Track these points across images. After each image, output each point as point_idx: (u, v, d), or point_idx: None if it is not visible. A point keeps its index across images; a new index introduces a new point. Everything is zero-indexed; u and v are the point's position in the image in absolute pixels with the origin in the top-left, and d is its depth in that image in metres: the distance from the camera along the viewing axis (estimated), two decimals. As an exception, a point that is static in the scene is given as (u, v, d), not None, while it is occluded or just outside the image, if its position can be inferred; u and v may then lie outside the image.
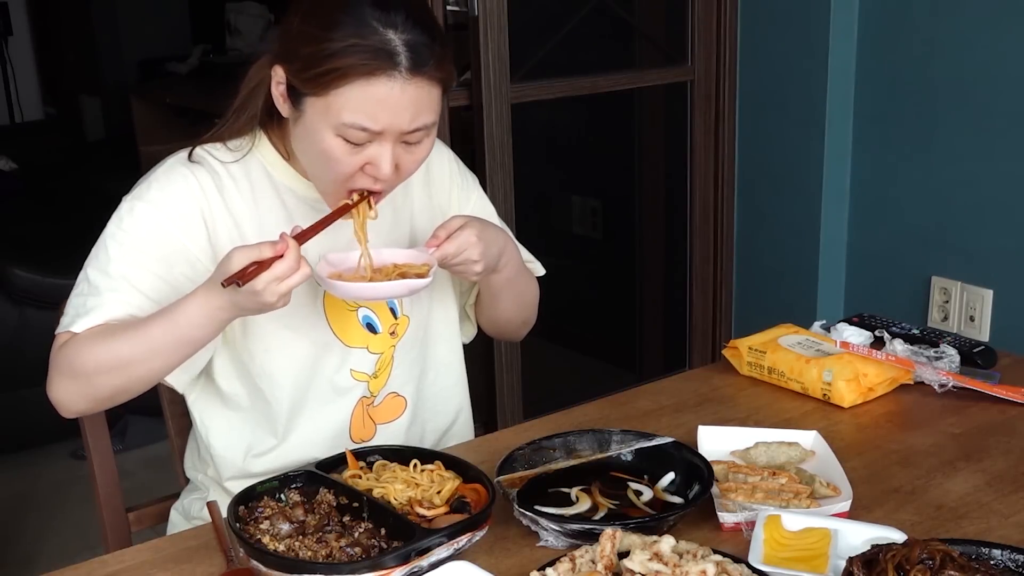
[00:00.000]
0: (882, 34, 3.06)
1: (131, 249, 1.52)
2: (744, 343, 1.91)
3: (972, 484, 1.51)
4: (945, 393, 1.78)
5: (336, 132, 1.44)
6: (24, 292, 3.47)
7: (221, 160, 1.58)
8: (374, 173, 1.48)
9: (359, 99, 1.42)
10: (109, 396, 1.51)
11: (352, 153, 1.46)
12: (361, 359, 1.65)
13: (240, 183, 1.58)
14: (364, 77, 1.40)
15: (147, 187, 1.55)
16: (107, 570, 1.37)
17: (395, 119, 1.44)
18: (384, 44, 1.40)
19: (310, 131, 1.48)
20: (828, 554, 1.28)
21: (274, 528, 1.32)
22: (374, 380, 1.67)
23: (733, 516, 1.39)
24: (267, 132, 1.61)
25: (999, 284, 2.92)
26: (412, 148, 1.50)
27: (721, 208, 3.48)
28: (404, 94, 1.42)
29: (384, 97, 1.42)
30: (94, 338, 1.47)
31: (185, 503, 1.75)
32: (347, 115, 1.42)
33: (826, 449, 1.56)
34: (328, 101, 1.43)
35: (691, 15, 3.32)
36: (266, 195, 1.60)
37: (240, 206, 1.58)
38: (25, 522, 3.29)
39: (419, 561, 1.26)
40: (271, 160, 1.61)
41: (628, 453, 1.54)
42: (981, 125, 2.86)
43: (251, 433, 1.65)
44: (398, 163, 1.49)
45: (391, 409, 1.70)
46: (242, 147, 1.60)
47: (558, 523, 1.35)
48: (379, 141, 1.46)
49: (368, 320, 1.65)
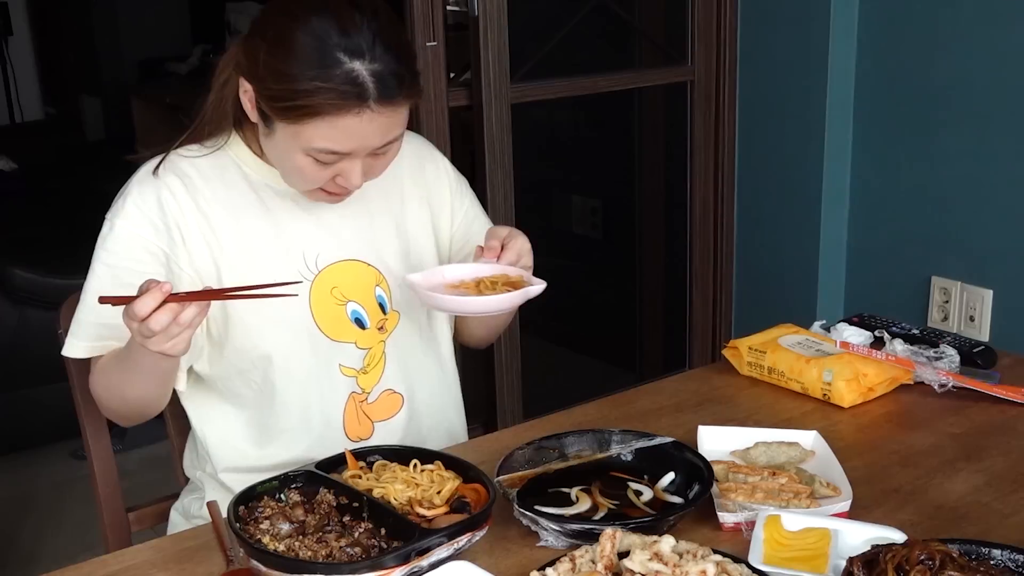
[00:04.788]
0: (882, 34, 3.06)
1: (116, 267, 1.56)
2: (744, 343, 1.91)
3: (972, 484, 1.51)
4: (945, 393, 1.78)
5: (306, 153, 1.50)
6: (24, 292, 3.47)
7: (194, 159, 1.61)
8: (344, 184, 1.54)
9: (328, 130, 1.46)
10: (125, 415, 1.62)
11: (322, 168, 1.52)
12: (349, 354, 1.66)
13: (213, 182, 1.61)
14: (333, 113, 1.45)
15: (122, 202, 1.59)
16: (107, 570, 1.37)
17: (364, 142, 1.50)
18: (351, 79, 1.44)
19: (280, 148, 1.53)
20: (828, 554, 1.28)
21: (274, 528, 1.32)
22: (364, 376, 1.67)
23: (733, 516, 1.39)
24: (240, 131, 1.64)
25: (999, 284, 2.92)
26: (379, 157, 1.55)
27: (721, 208, 3.48)
28: (373, 123, 1.47)
29: (354, 128, 1.47)
30: (100, 368, 1.58)
31: (185, 502, 1.75)
32: (317, 142, 1.48)
33: (826, 449, 1.56)
34: (297, 129, 1.47)
35: (691, 15, 3.32)
36: (242, 192, 1.62)
37: (213, 205, 1.60)
38: (25, 522, 3.29)
39: (419, 561, 1.25)
40: (245, 158, 1.64)
41: (628, 453, 1.54)
42: (981, 125, 2.86)
43: (244, 426, 1.66)
44: (366, 171, 1.55)
45: (387, 406, 1.71)
46: (216, 144, 1.63)
47: (558, 523, 1.35)
48: (349, 159, 1.51)
49: (357, 315, 1.66)
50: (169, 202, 1.57)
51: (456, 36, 3.03)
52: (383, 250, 1.70)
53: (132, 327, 1.34)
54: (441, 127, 2.90)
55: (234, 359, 1.62)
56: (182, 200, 1.58)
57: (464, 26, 2.97)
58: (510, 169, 3.03)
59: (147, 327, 1.31)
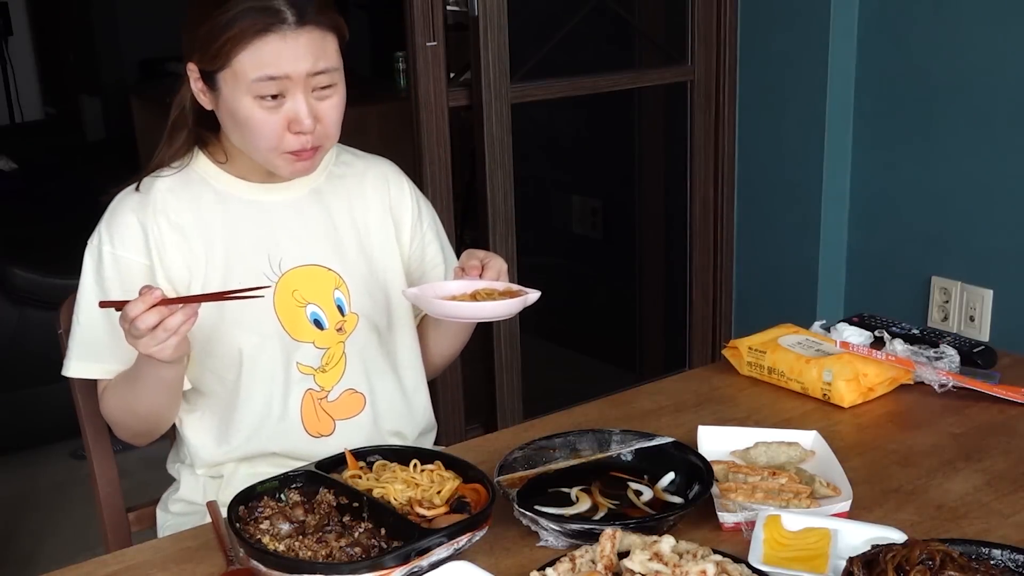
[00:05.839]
0: (882, 34, 3.06)
1: (100, 291, 1.64)
2: (744, 343, 1.91)
3: (972, 484, 1.51)
4: (945, 393, 1.78)
5: (250, 94, 1.57)
6: (24, 292, 3.47)
7: (165, 178, 1.69)
8: (298, 128, 1.59)
9: (257, 56, 1.55)
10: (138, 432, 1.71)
11: (271, 111, 1.58)
12: (307, 353, 1.70)
13: (183, 198, 1.68)
14: (257, 37, 1.54)
15: (104, 228, 1.67)
16: (107, 570, 1.37)
17: (295, 64, 1.56)
18: (268, 4, 1.54)
19: (231, 107, 1.59)
20: (828, 554, 1.28)
21: (274, 528, 1.32)
22: (322, 374, 1.71)
23: (733, 516, 1.39)
24: (202, 149, 1.72)
25: (999, 284, 2.92)
26: (324, 96, 1.61)
27: (721, 208, 3.48)
28: (297, 42, 1.55)
29: (279, 49, 1.55)
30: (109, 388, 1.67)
31: (163, 497, 1.80)
32: (252, 72, 1.55)
33: (826, 449, 1.56)
34: (234, 69, 1.56)
35: (691, 15, 3.32)
36: (209, 204, 1.69)
37: (186, 218, 1.67)
38: (25, 522, 3.29)
39: (419, 561, 1.25)
40: (210, 172, 1.71)
41: (628, 453, 1.54)
42: (981, 125, 2.86)
43: (218, 422, 1.71)
44: (316, 114, 1.60)
45: (349, 406, 1.73)
46: (183, 164, 1.71)
47: (558, 523, 1.35)
48: (291, 95, 1.57)
49: (315, 316, 1.70)
50: (147, 222, 1.65)
51: (456, 36, 3.03)
52: (345, 255, 1.74)
53: (124, 327, 1.44)
54: (441, 127, 2.90)
55: (208, 360, 1.68)
56: (159, 219, 1.66)
57: (464, 26, 2.97)
58: (510, 169, 3.03)
59: (135, 327, 1.41)
